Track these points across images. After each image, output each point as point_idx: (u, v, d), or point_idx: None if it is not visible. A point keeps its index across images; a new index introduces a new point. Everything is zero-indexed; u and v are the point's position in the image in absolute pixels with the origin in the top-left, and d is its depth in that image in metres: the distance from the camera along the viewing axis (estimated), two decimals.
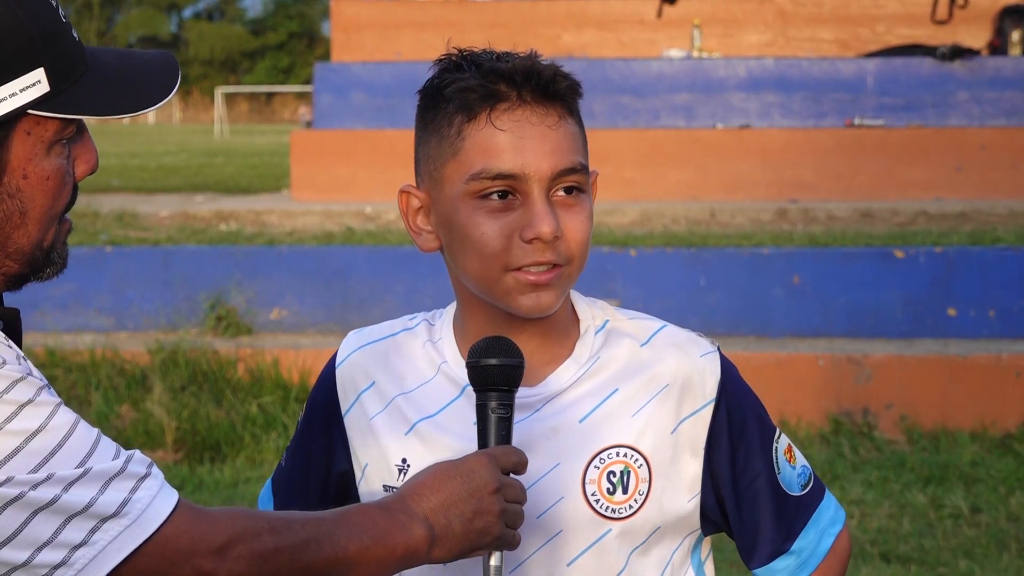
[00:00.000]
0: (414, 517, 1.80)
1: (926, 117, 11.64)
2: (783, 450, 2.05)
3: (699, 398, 1.99)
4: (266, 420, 7.67)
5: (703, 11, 12.91)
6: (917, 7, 12.84)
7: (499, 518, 1.82)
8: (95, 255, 8.97)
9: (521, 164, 1.90)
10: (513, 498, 1.84)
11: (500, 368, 1.88)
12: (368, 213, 10.88)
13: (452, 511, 1.80)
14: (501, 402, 1.88)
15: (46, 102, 1.71)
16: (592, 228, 1.98)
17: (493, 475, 1.82)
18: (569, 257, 1.92)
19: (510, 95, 1.91)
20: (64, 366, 8.15)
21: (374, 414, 2.06)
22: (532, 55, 1.96)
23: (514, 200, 1.91)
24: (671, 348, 2.01)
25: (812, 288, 8.36)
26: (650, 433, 1.97)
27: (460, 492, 1.81)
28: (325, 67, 12.59)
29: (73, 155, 1.78)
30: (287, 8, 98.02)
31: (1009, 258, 8.42)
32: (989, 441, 7.42)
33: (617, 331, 2.03)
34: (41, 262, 1.81)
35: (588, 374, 2.00)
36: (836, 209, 10.48)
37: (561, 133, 1.91)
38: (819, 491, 2.07)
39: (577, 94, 1.95)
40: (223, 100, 66.14)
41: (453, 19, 13.02)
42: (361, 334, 2.13)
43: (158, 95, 1.80)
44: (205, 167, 25.37)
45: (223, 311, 8.63)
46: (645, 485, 1.97)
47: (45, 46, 1.71)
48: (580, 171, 1.92)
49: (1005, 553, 5.97)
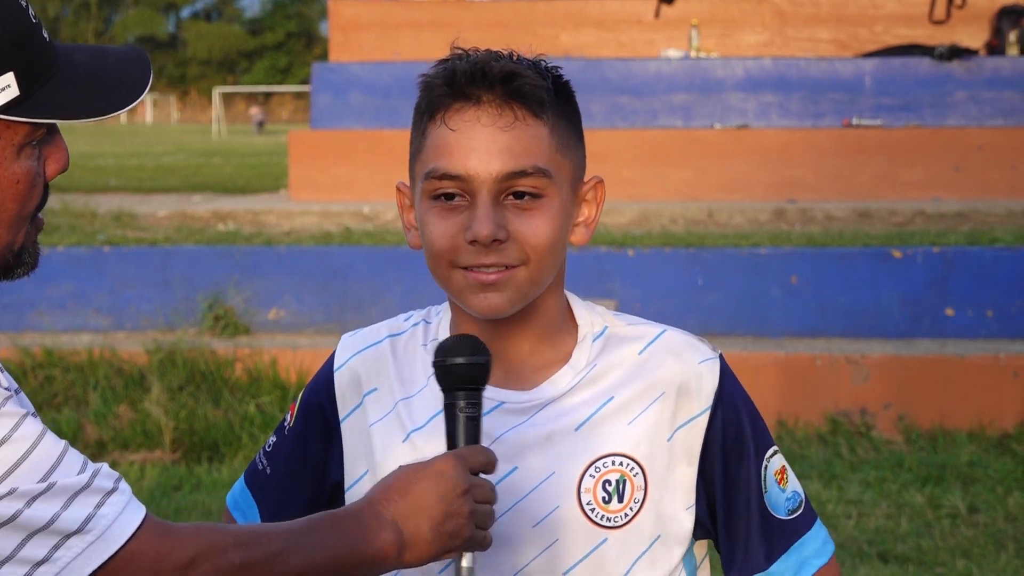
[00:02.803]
0: (384, 523, 1.77)
1: (924, 117, 11.65)
2: (775, 470, 2.01)
3: (695, 405, 1.97)
4: (264, 420, 7.67)
5: (701, 11, 12.92)
6: (915, 7, 12.85)
7: (469, 520, 1.79)
8: (93, 255, 8.97)
9: (467, 166, 1.88)
10: (483, 499, 1.81)
11: (467, 367, 1.85)
12: (366, 213, 10.88)
13: (422, 515, 1.78)
14: (469, 401, 1.85)
15: (16, 106, 1.67)
16: (566, 232, 1.94)
17: (462, 476, 1.79)
18: (522, 260, 1.89)
19: (466, 95, 1.89)
20: (62, 366, 8.15)
21: (375, 420, 2.03)
22: (495, 55, 1.92)
23: (463, 201, 1.89)
24: (668, 355, 1.99)
25: (810, 288, 8.36)
26: (646, 441, 1.95)
27: (429, 495, 1.78)
28: (323, 67, 12.60)
29: (44, 155, 1.74)
30: (285, 8, 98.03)
31: (1007, 258, 8.42)
32: (987, 441, 7.42)
33: (616, 337, 2.00)
34: (11, 263, 1.75)
35: (585, 381, 1.97)
36: (834, 209, 10.48)
37: (514, 135, 1.87)
38: (808, 520, 2.03)
39: (538, 96, 1.88)
40: (221, 100, 66.13)
41: (451, 19, 13.03)
42: (357, 337, 2.09)
43: (129, 96, 1.76)
44: (203, 167, 25.38)
45: (221, 311, 8.63)
46: (641, 494, 1.95)
47: (15, 49, 1.67)
48: (533, 175, 1.87)
49: (1003, 553, 5.97)
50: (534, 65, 1.92)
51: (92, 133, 45.14)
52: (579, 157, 1.95)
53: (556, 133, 1.90)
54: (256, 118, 60.07)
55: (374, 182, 11.39)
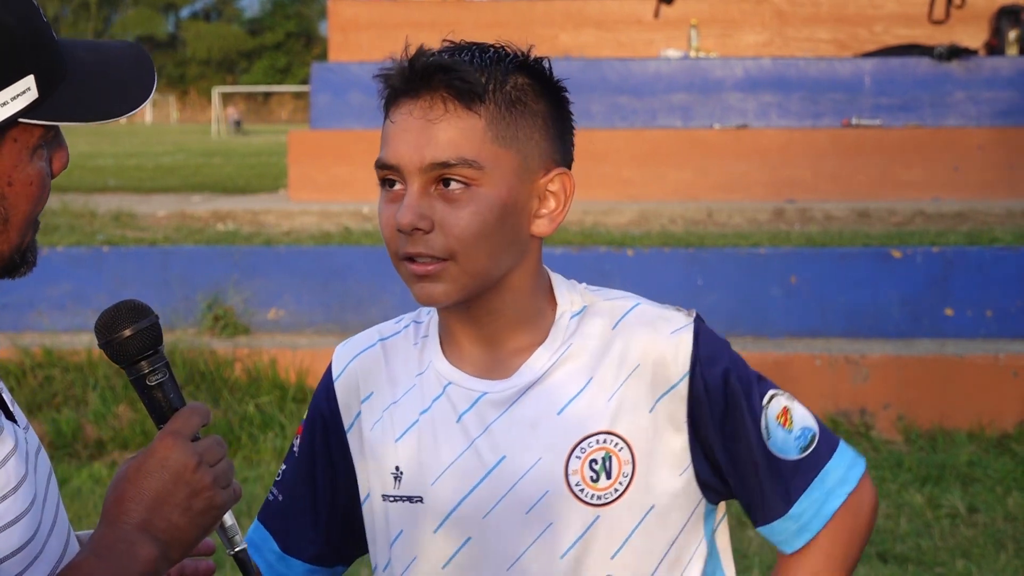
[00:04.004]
0: (132, 539, 1.67)
1: (923, 117, 11.65)
2: (775, 414, 2.00)
3: (673, 375, 1.98)
4: (263, 420, 7.67)
5: (700, 11, 12.91)
6: (914, 7, 12.85)
7: (214, 488, 1.72)
8: (92, 255, 8.97)
9: (398, 155, 1.94)
10: (216, 459, 1.73)
11: (137, 335, 1.78)
12: (365, 213, 10.88)
13: (167, 508, 1.69)
14: (154, 367, 1.78)
15: (34, 109, 1.66)
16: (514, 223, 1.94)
17: (187, 451, 1.71)
18: (448, 251, 1.92)
19: (405, 90, 1.94)
20: (62, 366, 8.15)
21: (372, 424, 2.06)
22: (448, 49, 1.96)
23: (402, 189, 1.95)
24: (641, 327, 2.00)
25: (809, 288, 8.36)
26: (627, 416, 1.97)
27: (164, 485, 1.69)
28: (322, 67, 12.60)
29: (50, 155, 1.74)
30: (284, 8, 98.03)
31: (1006, 258, 8.42)
32: (986, 441, 7.42)
33: (592, 314, 2.02)
34: (17, 264, 1.73)
35: (561, 360, 1.99)
36: (833, 209, 10.48)
37: (443, 127, 1.91)
38: (825, 452, 2.02)
39: (469, 89, 1.91)
40: (220, 100, 66.10)
41: (451, 19, 13.02)
42: (350, 344, 2.12)
43: (140, 95, 1.75)
44: (203, 167, 25.38)
45: (220, 311, 8.63)
46: (629, 467, 1.96)
47: (33, 51, 1.65)
48: (458, 165, 1.90)
49: (1002, 553, 5.97)
50: (496, 59, 1.95)
51: (91, 133, 45.14)
52: (536, 150, 1.96)
53: (496, 126, 1.92)
54: (232, 117, 60.20)
55: (373, 182, 11.21)
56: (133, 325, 1.78)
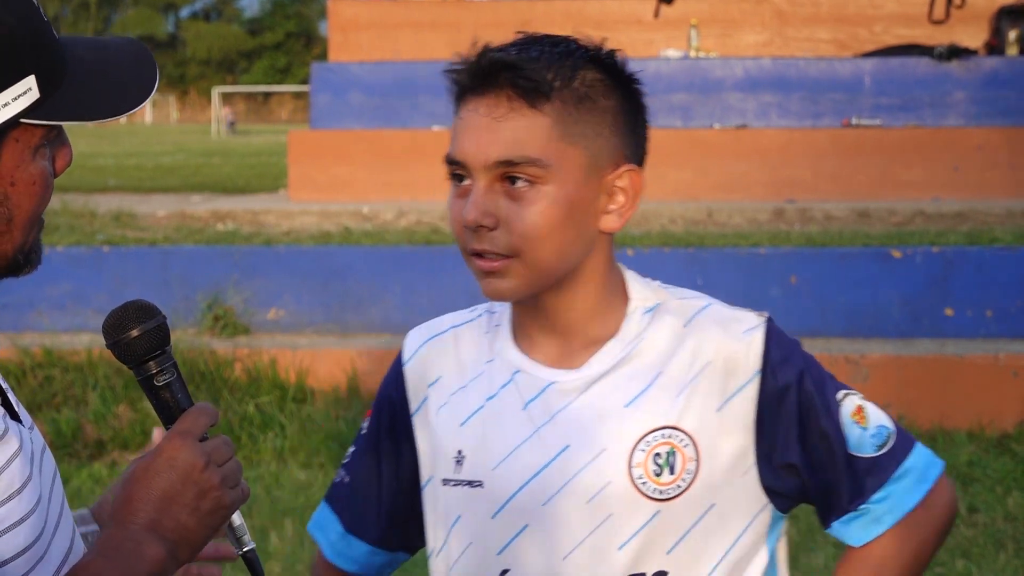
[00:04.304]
0: (140, 539, 1.67)
1: (923, 117, 11.65)
2: (850, 412, 2.01)
3: (743, 375, 1.98)
4: (263, 420, 7.67)
5: (700, 11, 12.92)
6: (914, 7, 12.85)
7: (222, 488, 1.72)
8: (92, 255, 8.97)
9: (463, 151, 1.94)
10: (224, 459, 1.74)
11: (144, 336, 1.78)
12: (365, 213, 10.88)
13: (175, 508, 1.69)
14: (162, 367, 1.78)
15: (35, 109, 1.66)
16: (583, 220, 1.95)
17: (194, 450, 1.71)
18: (513, 249, 1.92)
19: (473, 86, 1.95)
20: (61, 366, 8.15)
21: (438, 408, 2.07)
22: (519, 43, 1.96)
23: (469, 186, 1.95)
24: (713, 326, 2.01)
25: (809, 288, 8.36)
26: (694, 412, 1.97)
27: (172, 485, 1.69)
28: (322, 67, 12.60)
29: (53, 154, 1.74)
30: (284, 8, 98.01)
31: (1006, 258, 8.42)
32: (986, 441, 7.42)
33: (665, 311, 2.03)
34: (21, 262, 1.74)
35: (632, 354, 1.99)
36: (833, 209, 10.48)
37: (508, 125, 1.91)
38: (903, 450, 2.02)
39: (535, 88, 1.91)
40: (220, 100, 66.12)
41: (451, 19, 13.03)
42: (423, 329, 2.14)
43: (141, 93, 1.75)
44: (202, 167, 25.38)
45: (220, 311, 8.63)
46: (693, 464, 1.96)
47: (33, 51, 1.65)
48: (522, 164, 1.91)
49: (1002, 553, 5.97)
50: (566, 54, 1.94)
51: (91, 133, 45.14)
52: (604, 146, 1.96)
53: (562, 123, 1.92)
54: (227, 118, 60.58)
55: (373, 182, 11.39)
56: (140, 325, 1.78)
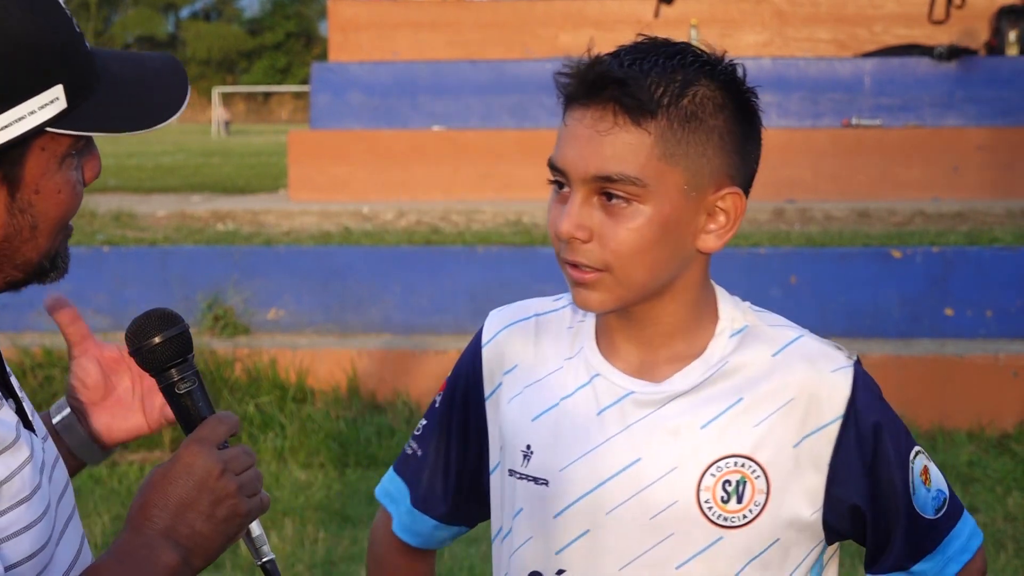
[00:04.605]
0: (155, 545, 1.68)
1: (923, 117, 11.65)
2: (919, 471, 2.01)
3: (825, 414, 1.96)
4: (263, 420, 7.67)
5: (700, 11, 12.91)
6: (914, 7, 12.85)
7: (239, 496, 1.73)
8: (92, 255, 8.97)
9: (564, 160, 1.91)
10: (242, 467, 1.75)
11: (166, 343, 1.79)
12: (365, 213, 10.88)
13: (190, 515, 1.70)
14: (183, 375, 1.80)
15: (63, 119, 1.67)
16: (680, 240, 1.92)
17: (211, 458, 1.73)
18: (605, 263, 1.90)
19: (579, 95, 1.91)
20: (62, 366, 8.15)
21: (511, 397, 2.06)
22: (636, 52, 1.92)
23: (568, 194, 1.93)
24: (802, 360, 1.98)
25: (809, 288, 8.36)
26: (771, 445, 1.94)
27: (188, 492, 1.71)
28: (322, 67, 12.60)
29: (81, 163, 1.76)
30: (284, 8, 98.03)
31: (1006, 258, 8.42)
32: (986, 441, 7.42)
33: (753, 336, 2.00)
34: (47, 269, 1.77)
35: (715, 377, 1.97)
36: (833, 209, 10.48)
37: (610, 140, 1.88)
38: (954, 516, 2.04)
39: (640, 106, 1.87)
40: (220, 100, 66.10)
41: (450, 19, 13.03)
42: (506, 312, 2.12)
43: (170, 108, 1.77)
44: (202, 167, 25.39)
45: (220, 311, 8.63)
46: (762, 497, 1.94)
47: (63, 62, 1.67)
48: (621, 181, 1.88)
49: (1002, 553, 5.97)
50: (680, 66, 1.90)
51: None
52: (706, 167, 1.92)
53: (664, 143, 1.89)
54: (221, 118, 60.96)
55: (373, 182, 11.39)
56: (163, 333, 1.79)
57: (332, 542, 6.14)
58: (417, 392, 7.91)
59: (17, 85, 1.64)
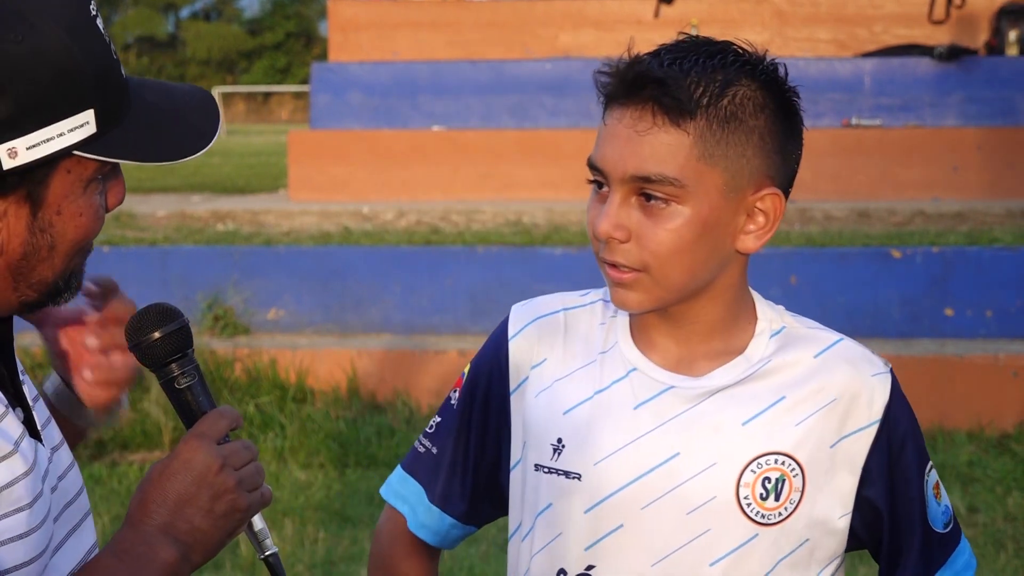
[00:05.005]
0: (154, 541, 1.68)
1: (923, 117, 11.65)
2: (932, 484, 2.04)
3: (864, 417, 1.98)
4: (263, 420, 7.67)
5: (700, 11, 12.91)
6: (914, 7, 12.85)
7: (238, 490, 1.73)
8: (92, 255, 8.94)
9: (603, 160, 1.92)
10: (242, 462, 1.75)
11: (166, 338, 1.80)
12: (365, 213, 10.88)
13: (188, 511, 1.70)
14: (183, 369, 1.80)
15: (91, 143, 1.68)
16: (717, 241, 1.93)
17: (211, 453, 1.72)
18: (643, 264, 1.90)
19: (619, 95, 1.91)
20: None
21: (540, 391, 2.04)
22: (677, 51, 1.91)
23: (607, 194, 1.93)
24: (843, 363, 2.01)
25: (809, 288, 8.36)
26: (810, 444, 1.96)
27: (187, 487, 1.70)
28: (322, 67, 12.59)
29: (106, 188, 1.77)
30: (284, 8, 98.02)
31: (1006, 258, 8.42)
32: (986, 441, 7.42)
33: (793, 337, 2.03)
34: (60, 289, 1.79)
35: (757, 375, 1.98)
36: (833, 209, 10.48)
37: (648, 140, 1.88)
38: (957, 534, 2.07)
39: (679, 106, 1.87)
40: (220, 100, 66.10)
41: (450, 19, 13.02)
42: (531, 306, 2.11)
43: (200, 141, 1.77)
44: (202, 167, 25.37)
45: (220, 311, 8.63)
46: (797, 495, 1.95)
47: (97, 87, 1.68)
48: (659, 182, 1.88)
49: (1002, 553, 5.97)
50: (720, 66, 1.90)
51: None
52: (746, 167, 1.93)
53: (703, 143, 1.89)
54: None
55: (373, 182, 11.39)
56: (162, 328, 1.80)
57: (332, 542, 6.14)
58: (417, 392, 7.91)
59: (50, 106, 1.64)
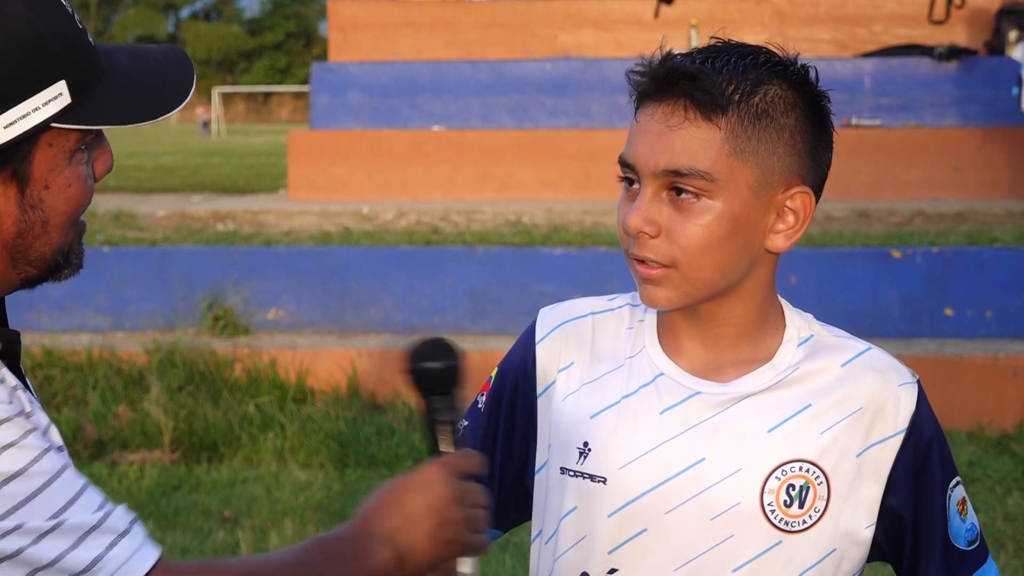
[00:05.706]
0: (378, 540, 1.77)
1: (923, 117, 11.65)
2: (957, 500, 2.02)
3: (890, 426, 1.97)
4: (263, 420, 7.67)
5: (700, 11, 12.91)
6: (914, 7, 12.85)
7: (463, 526, 1.80)
8: (92, 255, 8.93)
9: (635, 155, 1.93)
10: (474, 503, 1.82)
11: (443, 371, 1.85)
12: (365, 213, 10.88)
13: (415, 527, 1.78)
14: (447, 405, 1.85)
15: (68, 113, 1.70)
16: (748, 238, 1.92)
17: (450, 483, 1.80)
18: (673, 259, 1.90)
19: (651, 91, 1.92)
20: (61, 366, 8.15)
21: (567, 394, 2.04)
22: (710, 50, 1.92)
23: (637, 190, 1.94)
24: (871, 372, 2.00)
25: (809, 288, 8.36)
26: (835, 453, 1.95)
27: (420, 506, 1.79)
28: (322, 67, 12.60)
29: (92, 158, 1.78)
30: (284, 8, 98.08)
31: (1006, 258, 8.42)
32: (986, 441, 7.42)
33: (821, 346, 2.02)
34: (60, 264, 1.80)
35: (784, 383, 1.98)
36: (833, 209, 10.48)
37: (680, 135, 1.88)
38: (983, 553, 2.04)
39: (712, 100, 1.88)
40: (220, 100, 66.10)
41: (450, 19, 13.02)
42: (558, 310, 2.11)
43: (176, 98, 1.79)
44: (202, 167, 25.40)
45: (220, 311, 8.63)
46: (822, 503, 1.95)
47: (65, 57, 1.69)
48: (690, 176, 1.88)
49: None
50: (752, 66, 1.91)
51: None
52: (777, 165, 1.92)
53: (735, 139, 1.89)
54: (201, 119, 61.25)
55: (373, 182, 11.39)
56: (444, 361, 1.86)
57: None
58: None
59: (20, 83, 1.66)
